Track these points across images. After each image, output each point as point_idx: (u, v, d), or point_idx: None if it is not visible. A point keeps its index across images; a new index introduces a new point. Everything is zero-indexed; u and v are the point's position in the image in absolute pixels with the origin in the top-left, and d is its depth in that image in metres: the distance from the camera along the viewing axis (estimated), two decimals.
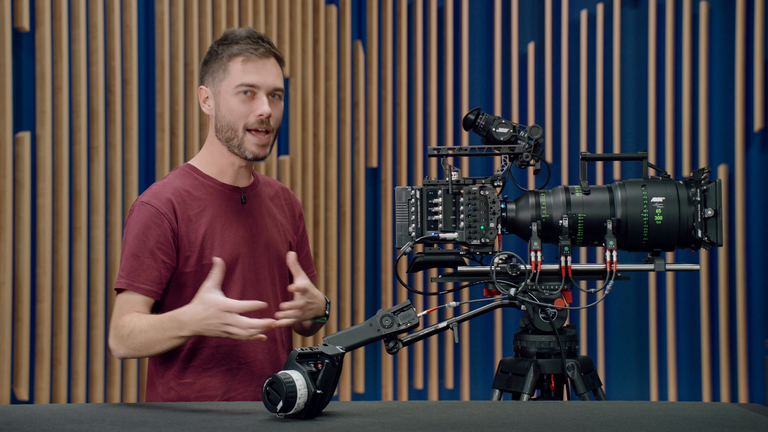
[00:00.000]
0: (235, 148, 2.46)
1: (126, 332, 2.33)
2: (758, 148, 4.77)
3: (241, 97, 2.44)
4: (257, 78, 2.44)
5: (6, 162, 3.97)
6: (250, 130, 2.44)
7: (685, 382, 4.80)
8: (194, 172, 2.50)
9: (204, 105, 2.50)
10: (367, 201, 4.98)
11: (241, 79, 2.43)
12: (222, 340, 2.42)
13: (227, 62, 2.44)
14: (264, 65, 2.45)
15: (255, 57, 2.44)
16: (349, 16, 4.96)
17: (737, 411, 1.96)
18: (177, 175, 2.49)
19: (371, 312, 4.81)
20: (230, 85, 2.44)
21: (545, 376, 2.40)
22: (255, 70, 2.44)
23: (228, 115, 2.44)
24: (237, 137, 2.45)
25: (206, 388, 2.42)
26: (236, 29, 2.50)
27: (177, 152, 4.40)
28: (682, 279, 4.82)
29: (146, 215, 2.39)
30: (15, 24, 4.03)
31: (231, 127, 2.45)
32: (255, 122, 2.44)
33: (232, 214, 2.48)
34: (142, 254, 2.37)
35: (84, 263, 4.14)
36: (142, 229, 2.38)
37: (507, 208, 2.38)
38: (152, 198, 2.41)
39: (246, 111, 2.44)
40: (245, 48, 2.44)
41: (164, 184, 2.46)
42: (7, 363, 3.97)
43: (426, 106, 5.00)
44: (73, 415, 1.97)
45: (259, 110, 2.43)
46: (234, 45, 2.45)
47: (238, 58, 2.44)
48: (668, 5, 4.82)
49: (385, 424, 1.81)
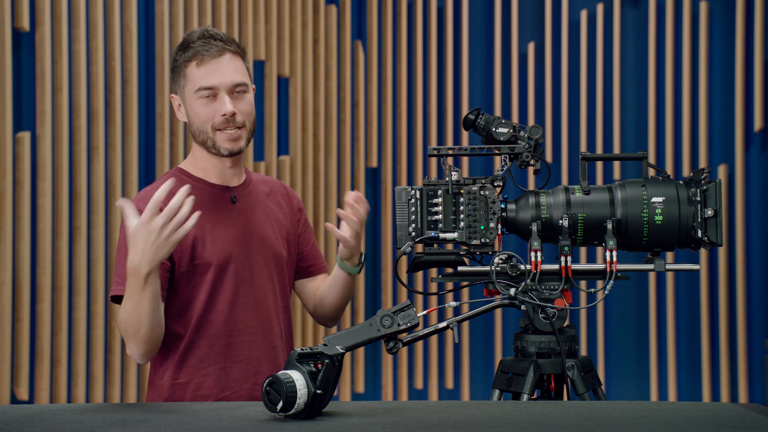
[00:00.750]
0: (211, 148, 2.47)
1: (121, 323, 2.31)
2: (758, 148, 4.77)
3: (204, 101, 2.43)
4: (213, 79, 2.42)
5: (6, 162, 3.97)
6: (219, 129, 2.45)
7: (685, 382, 4.81)
8: (183, 175, 2.50)
9: (178, 113, 2.51)
10: (367, 201, 4.98)
11: (198, 83, 2.43)
12: (213, 339, 2.43)
13: (185, 68, 2.44)
14: (218, 64, 2.43)
15: (208, 57, 2.42)
16: (349, 16, 4.96)
17: (737, 411, 1.96)
18: (166, 178, 2.47)
19: (371, 312, 4.81)
20: (191, 90, 2.44)
21: (545, 376, 2.40)
22: (210, 72, 2.42)
23: (196, 120, 2.45)
24: (209, 138, 2.45)
25: (201, 388, 2.43)
26: (193, 31, 2.48)
27: (177, 152, 4.40)
28: (682, 279, 4.82)
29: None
30: (15, 24, 4.02)
31: (201, 130, 2.45)
32: (221, 122, 2.44)
33: (223, 214, 2.48)
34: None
35: (84, 263, 4.14)
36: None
37: (507, 208, 2.38)
38: (140, 203, 2.38)
39: (210, 113, 2.43)
40: (197, 50, 2.42)
41: (153, 188, 2.45)
42: (7, 363, 3.97)
43: (426, 106, 5.00)
44: (73, 415, 1.97)
45: (221, 110, 2.43)
46: (188, 49, 2.44)
47: (193, 62, 2.43)
48: (668, 5, 4.82)
49: (385, 424, 1.81)
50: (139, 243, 2.20)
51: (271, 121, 4.74)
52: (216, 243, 2.45)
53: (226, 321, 2.44)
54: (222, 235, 2.46)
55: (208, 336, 2.43)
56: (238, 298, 2.45)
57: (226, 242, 2.46)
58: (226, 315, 2.44)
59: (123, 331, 2.33)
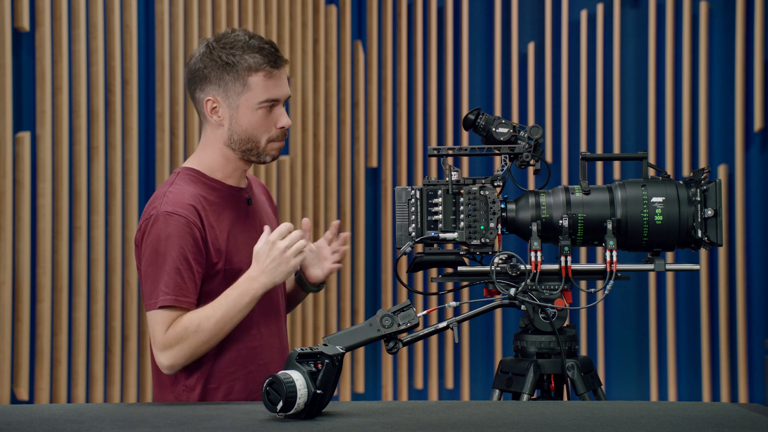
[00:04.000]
0: (253, 156, 2.43)
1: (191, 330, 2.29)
2: (758, 148, 4.77)
3: (264, 112, 2.39)
4: (279, 91, 2.40)
5: (6, 162, 3.97)
6: (273, 140, 2.43)
7: (685, 382, 4.80)
8: (202, 177, 2.43)
9: (212, 116, 2.42)
10: (367, 201, 4.98)
11: (265, 95, 2.38)
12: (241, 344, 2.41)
13: (246, 76, 2.37)
14: (281, 76, 2.42)
15: (275, 71, 2.39)
16: (349, 16, 4.96)
17: (737, 411, 1.96)
18: (186, 180, 2.42)
19: (371, 312, 4.81)
20: (252, 100, 2.38)
21: (545, 376, 2.40)
22: (276, 84, 2.40)
23: (250, 129, 2.40)
24: (258, 148, 2.42)
25: (231, 392, 2.41)
26: (238, 34, 2.41)
27: (177, 152, 4.40)
28: (682, 279, 4.82)
29: (175, 225, 2.31)
30: (15, 24, 4.03)
31: (252, 140, 2.41)
32: (279, 134, 2.43)
33: (244, 217, 2.47)
34: (183, 267, 2.31)
35: (84, 263, 4.14)
36: (173, 240, 2.31)
37: (507, 208, 2.38)
38: (177, 207, 2.33)
39: (269, 125, 2.41)
40: (265, 61, 2.38)
41: (180, 191, 2.38)
42: (7, 363, 3.98)
43: (426, 106, 5.00)
44: (73, 415, 1.97)
45: (281, 122, 2.41)
46: (248, 56, 2.37)
47: (260, 72, 2.38)
48: (668, 5, 4.82)
49: (385, 424, 1.81)
50: (262, 259, 2.31)
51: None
52: (244, 248, 2.41)
53: (251, 326, 2.43)
54: (246, 239, 2.43)
55: (236, 341, 2.41)
56: (261, 301, 2.44)
57: (250, 246, 2.41)
58: (251, 320, 2.43)
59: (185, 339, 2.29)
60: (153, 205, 2.37)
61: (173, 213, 2.32)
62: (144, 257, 2.35)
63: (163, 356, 2.32)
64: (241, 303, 2.31)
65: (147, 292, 2.34)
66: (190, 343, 2.30)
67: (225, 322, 2.31)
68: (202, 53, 2.41)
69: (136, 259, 2.41)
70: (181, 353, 2.31)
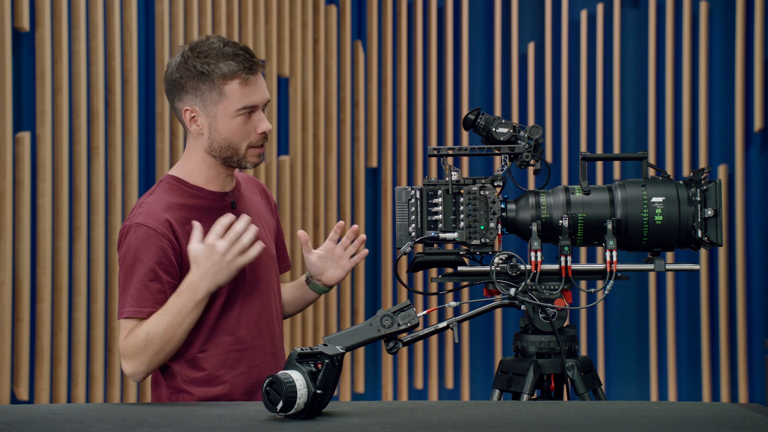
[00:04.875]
0: (234, 163, 2.42)
1: (142, 339, 2.30)
2: (758, 148, 4.77)
3: (243, 119, 2.37)
4: (255, 97, 2.38)
5: (6, 162, 3.97)
6: (253, 146, 2.41)
7: (685, 382, 4.81)
8: (182, 184, 2.42)
9: (191, 125, 2.40)
10: (367, 201, 4.98)
11: (242, 102, 2.36)
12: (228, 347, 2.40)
13: (222, 84, 2.35)
14: (257, 81, 2.38)
15: (251, 77, 2.36)
16: (349, 16, 4.96)
17: (737, 411, 1.96)
18: (165, 189, 2.41)
19: (371, 312, 4.81)
20: (230, 108, 2.36)
21: (545, 376, 2.40)
22: (252, 90, 2.37)
23: (229, 137, 2.38)
24: (238, 154, 2.40)
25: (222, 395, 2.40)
26: (212, 41, 2.38)
27: (177, 152, 4.40)
28: (682, 279, 4.82)
29: (143, 237, 2.32)
30: (15, 24, 4.03)
31: (232, 146, 2.39)
32: (259, 139, 2.41)
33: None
34: (147, 278, 2.31)
35: (84, 263, 4.14)
36: (141, 251, 2.31)
37: (507, 208, 2.38)
38: (147, 218, 2.33)
39: (248, 131, 2.38)
40: (240, 68, 2.35)
41: (155, 201, 2.38)
42: (7, 363, 3.97)
43: (426, 106, 5.00)
44: (73, 415, 1.97)
45: (260, 128, 2.39)
46: (223, 63, 2.34)
47: (235, 80, 2.35)
48: (668, 5, 4.82)
49: (385, 424, 1.81)
50: (201, 263, 2.27)
51: (271, 121, 4.74)
52: None
53: (238, 328, 2.42)
54: None
55: (222, 344, 2.41)
56: (247, 299, 2.44)
57: None
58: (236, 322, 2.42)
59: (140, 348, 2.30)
60: (129, 216, 2.40)
61: (142, 224, 2.33)
62: (119, 267, 2.39)
63: (125, 365, 2.35)
64: (186, 309, 2.30)
65: (119, 302, 2.38)
66: (144, 352, 2.31)
67: (175, 329, 2.30)
68: (177, 63, 2.40)
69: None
70: (139, 361, 2.32)
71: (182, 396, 2.39)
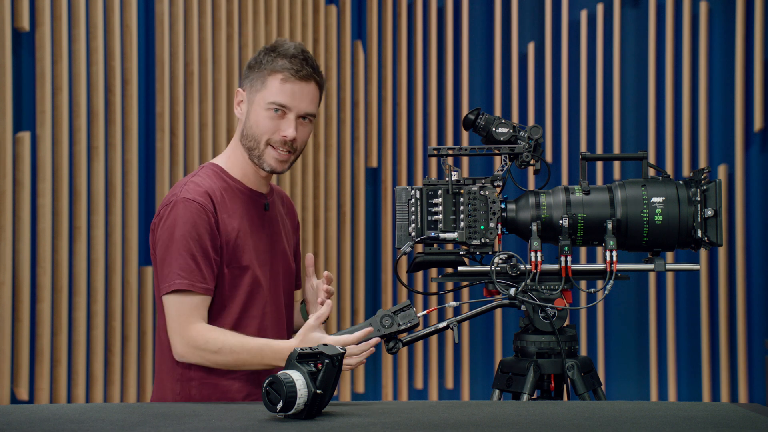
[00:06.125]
0: (255, 158, 2.45)
1: (214, 348, 2.30)
2: (758, 148, 4.77)
3: (271, 114, 2.41)
4: (291, 100, 2.41)
5: (6, 162, 3.97)
6: (271, 146, 2.43)
7: (685, 382, 4.80)
8: (223, 174, 2.47)
9: (237, 107, 2.49)
10: (367, 201, 4.98)
11: (274, 97, 2.41)
12: None
13: (267, 76, 2.42)
14: (301, 88, 2.42)
15: (294, 79, 2.41)
16: (349, 16, 4.96)
17: (737, 411, 1.96)
18: (208, 175, 2.46)
19: (371, 312, 4.81)
20: (264, 99, 2.41)
21: (545, 376, 2.40)
22: (291, 92, 2.41)
23: (254, 127, 2.43)
24: (258, 149, 2.43)
25: (230, 390, 2.41)
26: (287, 42, 2.46)
27: (177, 152, 4.40)
28: (682, 279, 4.82)
29: (193, 212, 2.35)
30: (15, 24, 4.02)
31: (254, 138, 2.43)
32: (278, 141, 2.42)
33: (258, 220, 2.48)
34: (198, 253, 2.33)
35: (84, 263, 4.14)
36: (192, 226, 2.34)
37: (507, 208, 2.38)
38: (195, 195, 2.37)
39: (272, 128, 2.42)
40: (288, 67, 2.41)
41: (201, 181, 2.42)
42: (7, 363, 3.97)
43: (426, 106, 5.00)
44: (73, 415, 1.97)
45: (284, 132, 2.42)
46: (278, 60, 2.42)
47: (278, 75, 2.41)
48: (668, 5, 4.82)
49: (385, 424, 1.81)
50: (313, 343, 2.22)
51: None
52: (252, 248, 2.43)
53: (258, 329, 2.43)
54: (256, 242, 2.45)
55: None
56: (267, 308, 2.44)
57: (260, 250, 2.45)
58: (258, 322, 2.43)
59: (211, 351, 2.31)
60: (173, 192, 2.41)
61: (191, 200, 2.36)
62: (159, 242, 2.38)
63: (180, 345, 2.34)
64: (259, 363, 2.31)
65: (162, 276, 2.36)
66: (206, 356, 2.32)
67: (243, 363, 2.32)
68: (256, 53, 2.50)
69: (151, 244, 2.44)
70: (195, 356, 2.33)
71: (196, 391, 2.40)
